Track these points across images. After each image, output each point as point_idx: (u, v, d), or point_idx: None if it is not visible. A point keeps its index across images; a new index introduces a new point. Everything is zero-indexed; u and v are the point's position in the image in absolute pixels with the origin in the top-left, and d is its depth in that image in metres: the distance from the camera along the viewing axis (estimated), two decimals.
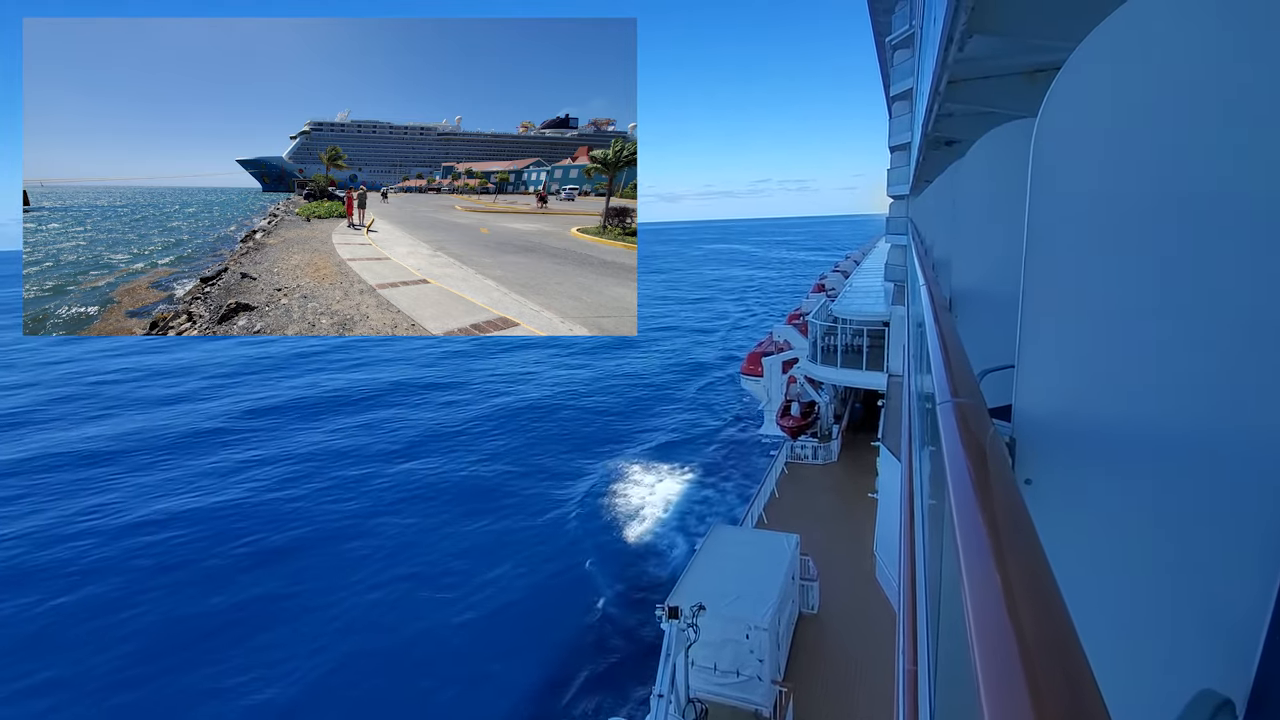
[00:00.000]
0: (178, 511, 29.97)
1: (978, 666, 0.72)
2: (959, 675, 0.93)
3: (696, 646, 12.17)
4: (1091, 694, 0.66)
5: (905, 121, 20.95)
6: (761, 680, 12.88)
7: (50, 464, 36.85)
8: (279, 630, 21.41)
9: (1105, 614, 1.71)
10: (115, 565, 25.67)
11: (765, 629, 12.70)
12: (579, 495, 30.74)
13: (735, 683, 13.05)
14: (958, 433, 1.50)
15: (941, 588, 1.60)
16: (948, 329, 2.68)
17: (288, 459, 35.95)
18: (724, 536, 16.24)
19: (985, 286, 4.53)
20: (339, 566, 25.06)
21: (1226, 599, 1.57)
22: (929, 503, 2.42)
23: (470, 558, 25.52)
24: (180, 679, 19.29)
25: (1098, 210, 1.75)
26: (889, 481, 15.46)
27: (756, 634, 12.77)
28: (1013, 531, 1.03)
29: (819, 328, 27.05)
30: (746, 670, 12.93)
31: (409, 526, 27.97)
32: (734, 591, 13.53)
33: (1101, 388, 1.80)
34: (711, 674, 13.11)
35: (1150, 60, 1.62)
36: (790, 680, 13.57)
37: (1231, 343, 1.55)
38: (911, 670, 2.01)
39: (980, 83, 6.55)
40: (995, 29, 4.32)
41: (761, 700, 12.96)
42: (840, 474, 24.75)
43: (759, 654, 12.80)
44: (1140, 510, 1.72)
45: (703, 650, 12.71)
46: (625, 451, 36.32)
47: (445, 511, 29.20)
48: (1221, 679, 1.43)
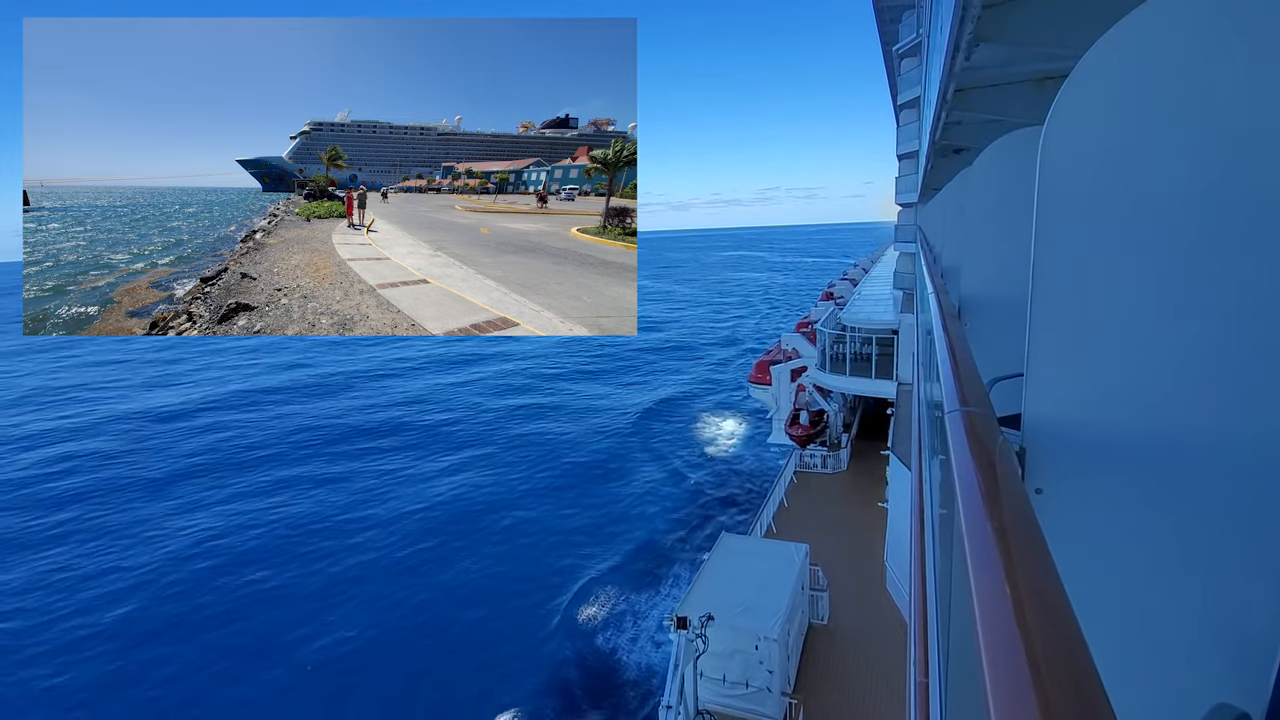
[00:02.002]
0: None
1: (987, 678, 0.71)
2: (970, 688, 0.92)
3: (705, 657, 12.08)
4: (1102, 707, 0.65)
5: (913, 129, 20.95)
6: (771, 692, 12.76)
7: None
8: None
9: (1117, 625, 1.69)
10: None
11: (775, 639, 12.59)
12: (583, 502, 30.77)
13: (744, 694, 12.93)
14: (966, 442, 1.50)
15: (952, 599, 1.59)
16: (956, 337, 2.67)
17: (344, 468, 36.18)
18: (732, 546, 16.14)
19: (994, 294, 4.51)
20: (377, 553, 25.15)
21: (1242, 609, 1.54)
22: (939, 512, 2.40)
23: (469, 569, 25.52)
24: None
25: (1106, 218, 1.75)
26: (899, 490, 15.35)
27: (766, 644, 12.66)
28: (1022, 541, 1.02)
29: (827, 336, 26.97)
30: (756, 681, 12.82)
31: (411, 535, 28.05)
32: (743, 602, 13.43)
33: (1111, 396, 1.78)
34: (720, 685, 13.00)
35: (1158, 67, 1.62)
36: (800, 692, 13.44)
37: (1242, 350, 1.54)
38: (923, 682, 1.99)
39: (988, 90, 6.55)
40: (1001, 37, 4.32)
41: (771, 712, 12.83)
42: (849, 483, 24.60)
43: (768, 665, 12.69)
44: (1152, 520, 1.70)
45: (711, 661, 12.61)
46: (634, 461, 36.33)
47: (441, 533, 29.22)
48: (1237, 692, 1.41)
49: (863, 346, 26.10)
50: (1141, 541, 1.73)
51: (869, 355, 25.50)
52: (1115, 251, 1.74)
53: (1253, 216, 1.51)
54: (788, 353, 31.42)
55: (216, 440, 41.09)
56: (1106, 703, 0.66)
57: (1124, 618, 1.72)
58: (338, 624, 21.87)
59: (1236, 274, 1.55)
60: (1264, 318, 1.51)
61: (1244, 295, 1.54)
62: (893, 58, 24.79)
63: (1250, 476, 1.55)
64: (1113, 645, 1.61)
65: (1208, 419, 1.61)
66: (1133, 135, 1.69)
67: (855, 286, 43.82)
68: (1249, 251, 1.52)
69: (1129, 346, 1.74)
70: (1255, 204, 1.51)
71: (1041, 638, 0.76)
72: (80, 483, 35.07)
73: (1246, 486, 1.55)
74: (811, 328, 30.78)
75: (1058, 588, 0.89)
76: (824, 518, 21.51)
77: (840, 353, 26.76)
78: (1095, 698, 0.66)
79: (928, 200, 16.14)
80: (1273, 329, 1.50)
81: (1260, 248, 1.51)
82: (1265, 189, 1.49)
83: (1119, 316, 1.75)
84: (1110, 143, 1.73)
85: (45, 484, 35.29)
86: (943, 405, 2.01)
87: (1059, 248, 1.84)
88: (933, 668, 1.98)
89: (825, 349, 27.11)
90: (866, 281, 44.52)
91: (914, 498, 3.31)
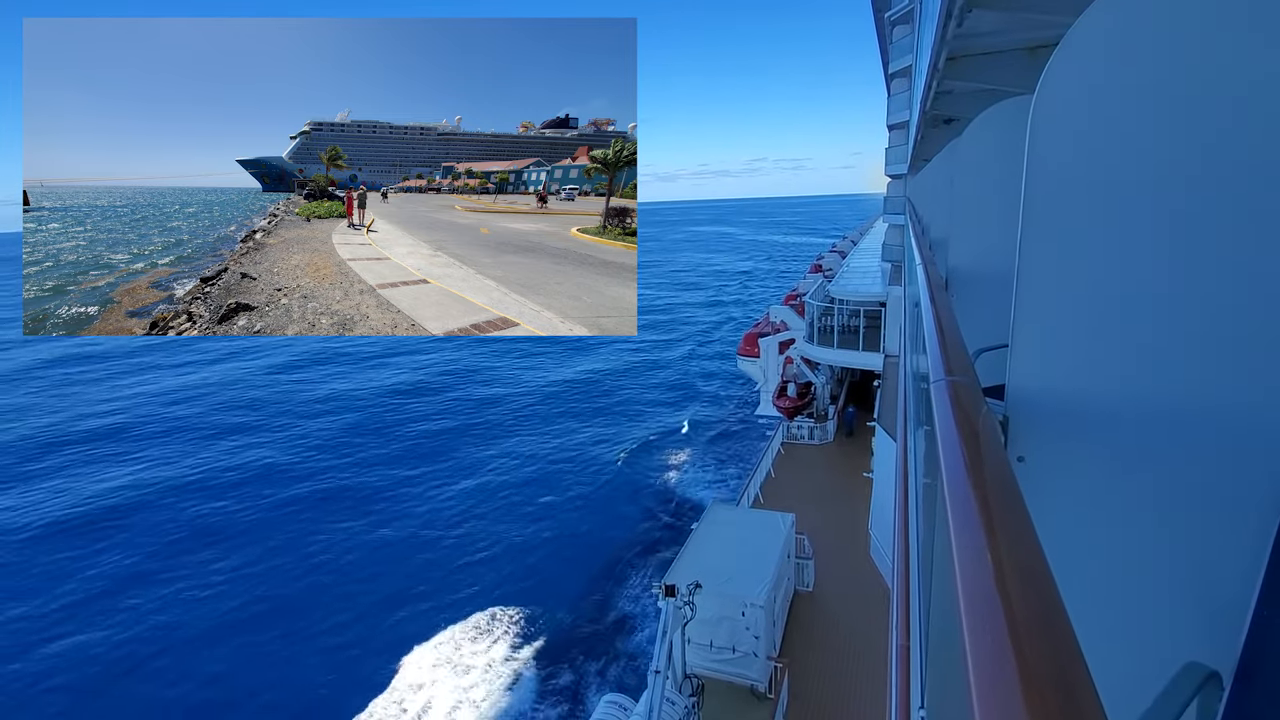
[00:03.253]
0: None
1: (966, 641, 0.72)
2: (950, 651, 0.94)
3: (693, 624, 12.32)
4: (1078, 667, 0.66)
5: (904, 99, 20.74)
6: (757, 656, 13.06)
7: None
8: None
9: (1095, 589, 1.73)
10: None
11: (761, 606, 12.85)
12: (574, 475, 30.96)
13: (731, 659, 13.23)
14: (951, 410, 1.51)
15: (934, 565, 1.62)
16: (943, 308, 2.67)
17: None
18: (720, 515, 16.36)
19: (981, 266, 4.52)
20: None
21: (1215, 574, 1.58)
22: (923, 481, 2.43)
23: (465, 540, 25.73)
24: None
25: (1093, 189, 1.74)
26: (884, 460, 15.56)
27: (752, 611, 12.92)
28: (1004, 509, 1.04)
29: (816, 308, 27.02)
30: (742, 647, 13.11)
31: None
32: (730, 569, 13.66)
33: (1094, 366, 1.80)
34: (708, 650, 13.29)
35: (1148, 36, 1.60)
36: (786, 656, 13.77)
37: (1223, 322, 1.56)
38: (904, 645, 2.04)
39: (980, 59, 6.48)
40: (994, 3, 4.26)
41: (757, 676, 13.15)
42: (836, 454, 24.89)
43: (755, 630, 12.97)
44: (1130, 487, 1.73)
45: (699, 627, 12.86)
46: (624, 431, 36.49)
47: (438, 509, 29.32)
48: (1209, 652, 1.46)
49: (850, 319, 26.18)
50: (1119, 508, 1.76)
51: (857, 328, 25.61)
52: (1101, 224, 1.74)
53: (1239, 189, 1.51)
54: (776, 325, 31.49)
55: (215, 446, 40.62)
56: (1084, 665, 0.67)
57: (1102, 582, 1.76)
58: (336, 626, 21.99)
59: (1219, 247, 1.55)
60: (1244, 291, 1.52)
61: (1225, 268, 1.54)
62: (885, 24, 24.42)
63: (1224, 444, 1.57)
64: (1090, 609, 1.65)
65: (1186, 389, 1.63)
66: (1122, 105, 1.67)
67: (844, 259, 43.81)
68: (1233, 225, 1.53)
69: (1112, 318, 1.75)
70: (1242, 176, 1.50)
71: (1021, 602, 0.77)
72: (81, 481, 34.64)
73: (1221, 454, 1.58)
74: (800, 300, 30.82)
75: (1038, 553, 0.90)
76: (810, 488, 21.81)
77: (828, 325, 26.85)
78: (1072, 659, 0.68)
79: (918, 172, 16.07)
80: (1252, 303, 1.51)
81: (1244, 221, 1.51)
82: (1252, 161, 1.49)
83: (1103, 288, 1.75)
84: (1099, 112, 1.71)
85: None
86: (929, 376, 2.03)
87: (1046, 219, 1.83)
88: (914, 632, 2.03)
89: (813, 321, 27.19)
90: (855, 254, 44.50)
91: (898, 467, 3.36)
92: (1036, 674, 0.64)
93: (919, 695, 1.73)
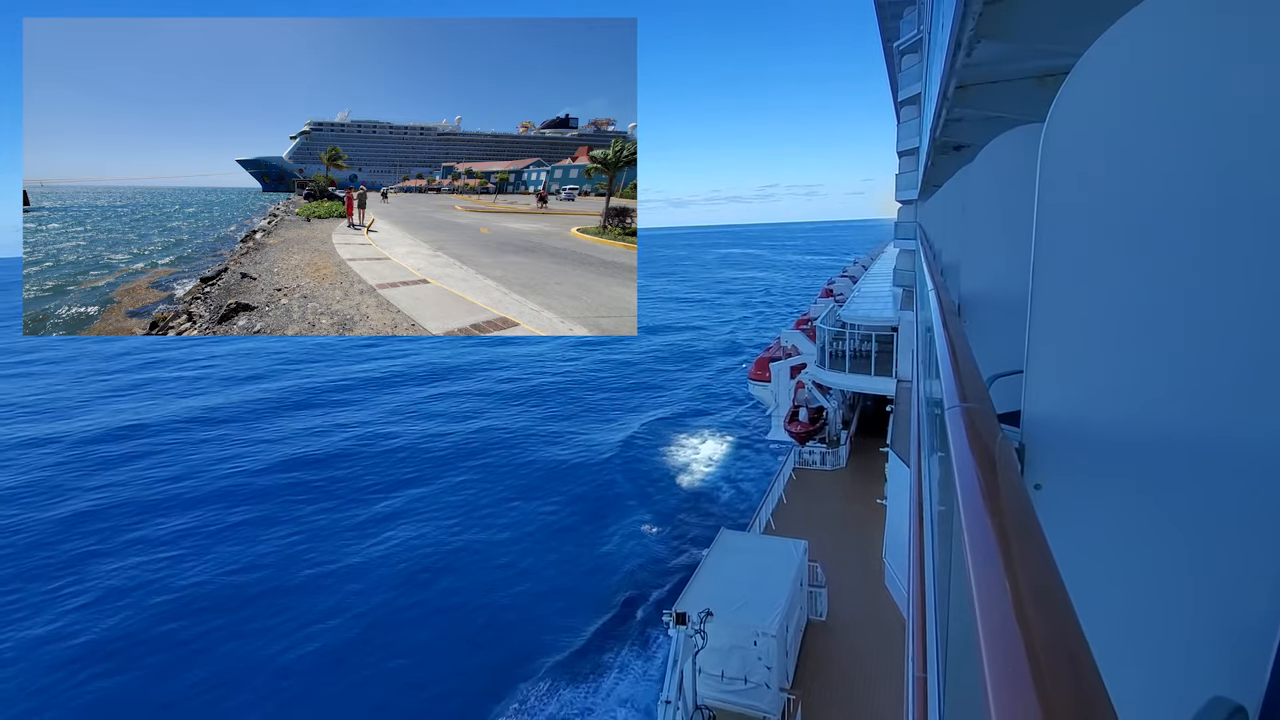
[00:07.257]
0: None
1: (986, 674, 0.71)
2: (968, 682, 0.92)
3: (704, 653, 12.11)
4: (1101, 701, 0.65)
5: (913, 126, 20.92)
6: (769, 688, 12.79)
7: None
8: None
9: (1116, 620, 1.70)
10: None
11: (773, 635, 12.62)
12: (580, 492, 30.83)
13: (743, 690, 12.96)
14: (966, 438, 1.50)
15: (950, 594, 1.60)
16: (956, 334, 2.67)
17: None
18: (731, 542, 16.17)
19: (994, 291, 4.51)
20: None
21: (1239, 605, 1.55)
22: (938, 509, 2.41)
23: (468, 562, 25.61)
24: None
25: (1106, 215, 1.75)
26: (898, 487, 15.37)
27: (764, 640, 12.69)
28: (1022, 537, 1.02)
29: (827, 333, 26.96)
30: (754, 677, 12.85)
31: None
32: (741, 598, 13.45)
33: (1111, 393, 1.79)
34: (719, 681, 13.03)
35: (1158, 65, 1.61)
36: (798, 688, 13.47)
37: (1241, 348, 1.55)
38: (921, 677, 2.00)
39: (989, 87, 6.54)
40: (1003, 34, 4.31)
41: (769, 708, 12.87)
42: (848, 480, 24.62)
43: (767, 661, 12.72)
44: (1151, 516, 1.71)
45: (710, 657, 12.64)
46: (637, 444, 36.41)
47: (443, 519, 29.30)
48: (1234, 686, 1.42)
49: (862, 344, 26.09)
50: (1140, 537, 1.73)
51: (868, 352, 25.50)
52: (1115, 249, 1.74)
53: (1253, 215, 1.51)
54: (787, 350, 31.42)
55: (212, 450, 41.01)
56: (1106, 697, 0.66)
57: (1123, 612, 1.72)
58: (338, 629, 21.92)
59: (1235, 273, 1.55)
60: (1262, 317, 1.51)
61: (1243, 295, 1.54)
62: (893, 54, 24.75)
63: (1247, 473, 1.55)
64: (1112, 640, 1.62)
65: (1206, 416, 1.61)
66: (1133, 133, 1.69)
67: (855, 284, 43.80)
68: (1248, 251, 1.52)
69: (1128, 344, 1.74)
70: (1255, 203, 1.51)
71: (1041, 633, 0.76)
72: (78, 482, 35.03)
73: (1243, 483, 1.56)
74: (811, 325, 30.77)
75: (1057, 583, 0.89)
76: (823, 514, 21.54)
77: (840, 350, 26.74)
78: (1094, 692, 0.66)
79: (928, 197, 16.13)
80: (1270, 329, 1.50)
81: (1260, 247, 1.51)
82: (1266, 188, 1.49)
83: (1119, 314, 1.75)
84: (1111, 140, 1.73)
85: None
86: (942, 402, 2.02)
87: (1059, 245, 1.84)
88: (931, 663, 1.99)
89: (825, 346, 27.11)
90: (866, 278, 44.50)
91: (913, 494, 3.32)
92: (1058, 708, 0.63)
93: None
